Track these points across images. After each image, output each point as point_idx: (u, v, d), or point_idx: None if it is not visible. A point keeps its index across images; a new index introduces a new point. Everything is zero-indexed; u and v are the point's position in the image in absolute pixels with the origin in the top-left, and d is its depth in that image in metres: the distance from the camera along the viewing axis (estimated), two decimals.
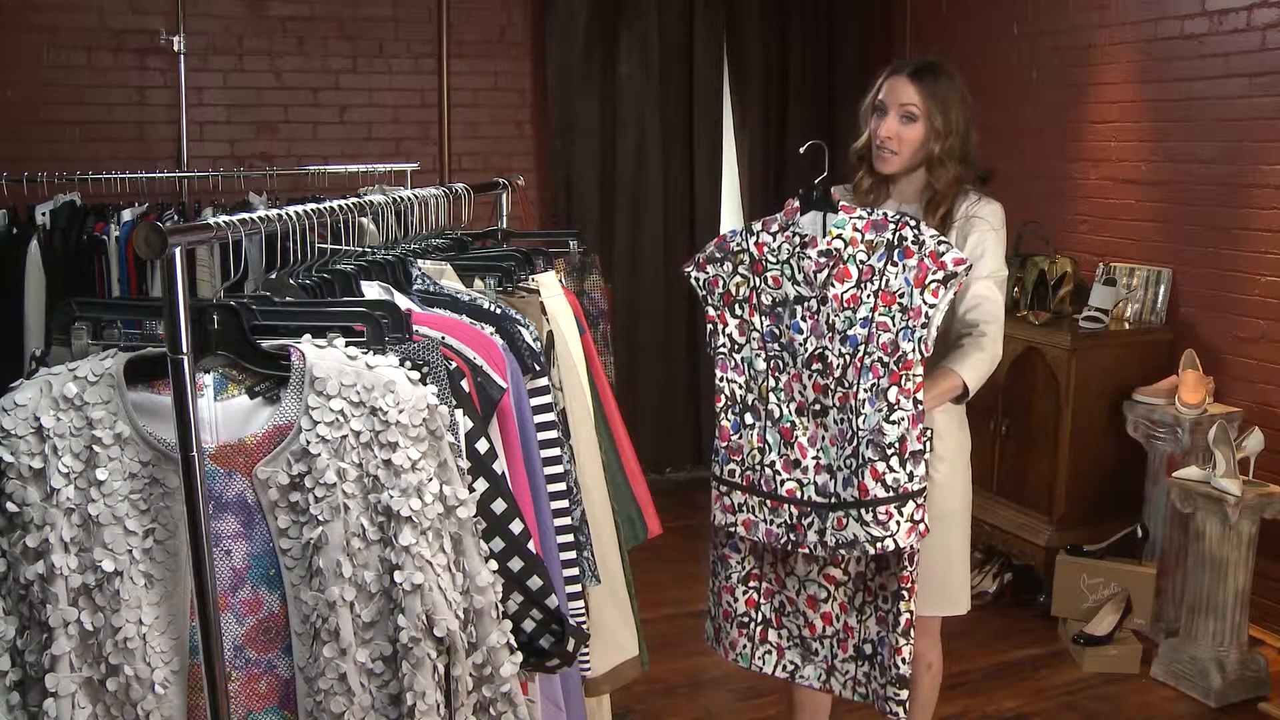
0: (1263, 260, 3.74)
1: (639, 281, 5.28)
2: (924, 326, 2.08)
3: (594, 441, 2.05)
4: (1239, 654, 3.38)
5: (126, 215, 3.62)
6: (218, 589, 1.29)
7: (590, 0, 5.06)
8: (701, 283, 2.28)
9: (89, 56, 4.48)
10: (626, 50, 5.16)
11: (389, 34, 4.92)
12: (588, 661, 1.98)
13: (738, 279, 2.24)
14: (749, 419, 2.23)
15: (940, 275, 2.07)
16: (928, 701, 2.64)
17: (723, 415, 2.26)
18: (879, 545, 2.11)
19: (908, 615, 2.19)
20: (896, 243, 2.11)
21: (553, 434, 1.80)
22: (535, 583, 1.48)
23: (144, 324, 1.49)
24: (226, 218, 1.44)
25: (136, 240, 1.23)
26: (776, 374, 2.21)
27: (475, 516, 1.37)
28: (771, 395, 2.21)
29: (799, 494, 2.18)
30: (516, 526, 1.47)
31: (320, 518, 1.29)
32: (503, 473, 1.49)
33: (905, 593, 2.18)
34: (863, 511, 2.11)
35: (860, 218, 2.14)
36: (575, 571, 1.85)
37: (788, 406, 2.20)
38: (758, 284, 2.22)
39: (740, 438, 2.24)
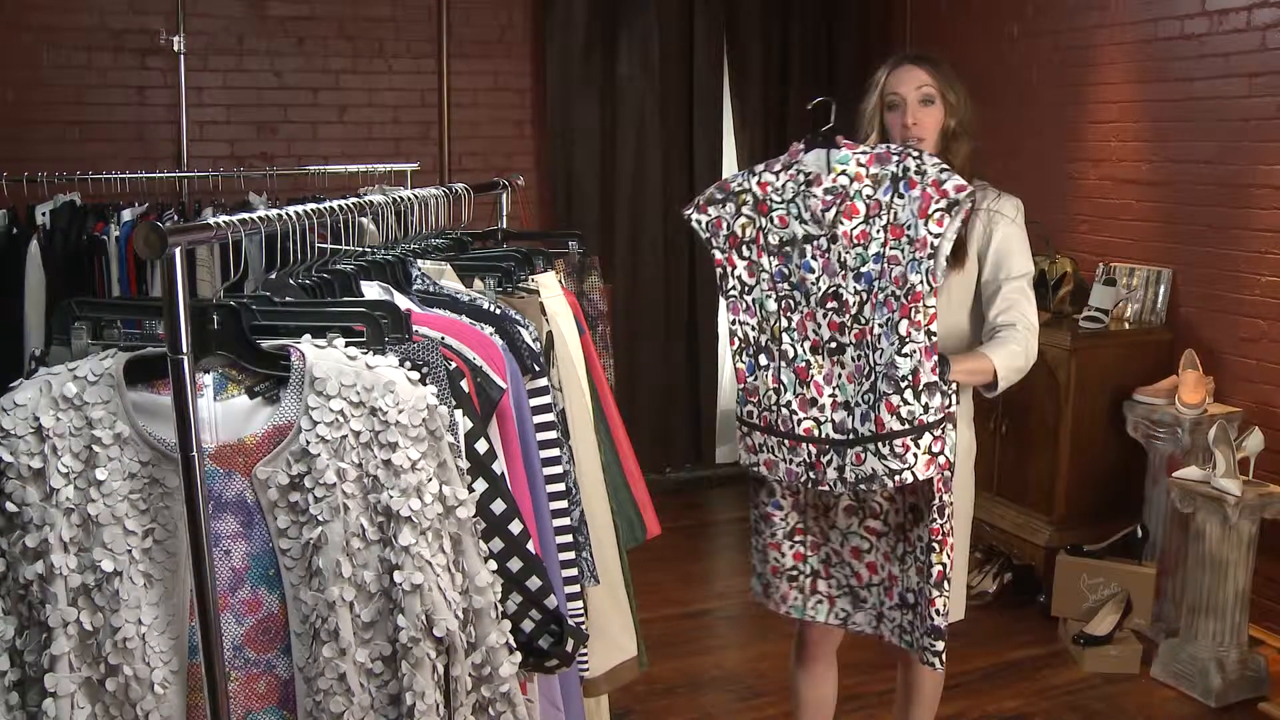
0: (1263, 260, 3.74)
1: (639, 282, 5.28)
2: (930, 258, 2.05)
3: (593, 442, 2.05)
4: (1239, 654, 3.38)
5: (126, 215, 3.62)
6: (217, 589, 1.29)
7: (590, 0, 5.06)
8: (704, 225, 2.25)
9: (89, 56, 4.48)
10: (626, 50, 5.16)
11: (389, 34, 4.92)
12: (586, 662, 1.98)
13: (742, 219, 2.21)
14: (763, 360, 2.21)
15: (943, 203, 2.05)
16: (930, 702, 2.63)
17: (737, 358, 2.24)
18: (897, 478, 2.09)
19: (939, 568, 2.16)
20: (901, 174, 2.10)
21: (552, 434, 1.80)
22: (534, 583, 1.48)
23: (144, 324, 1.49)
24: (226, 218, 1.44)
25: (136, 240, 1.23)
26: (789, 314, 2.19)
27: (475, 517, 1.37)
28: (785, 335, 2.19)
29: (816, 432, 2.16)
30: (516, 527, 1.47)
31: (320, 518, 1.29)
32: (502, 473, 1.49)
33: (937, 545, 2.15)
34: (880, 445, 2.09)
35: (864, 152, 2.14)
36: (574, 572, 1.85)
37: (802, 346, 2.18)
38: (764, 224, 2.20)
39: (755, 379, 2.22)
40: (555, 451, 1.80)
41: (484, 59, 5.06)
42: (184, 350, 1.24)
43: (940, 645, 2.20)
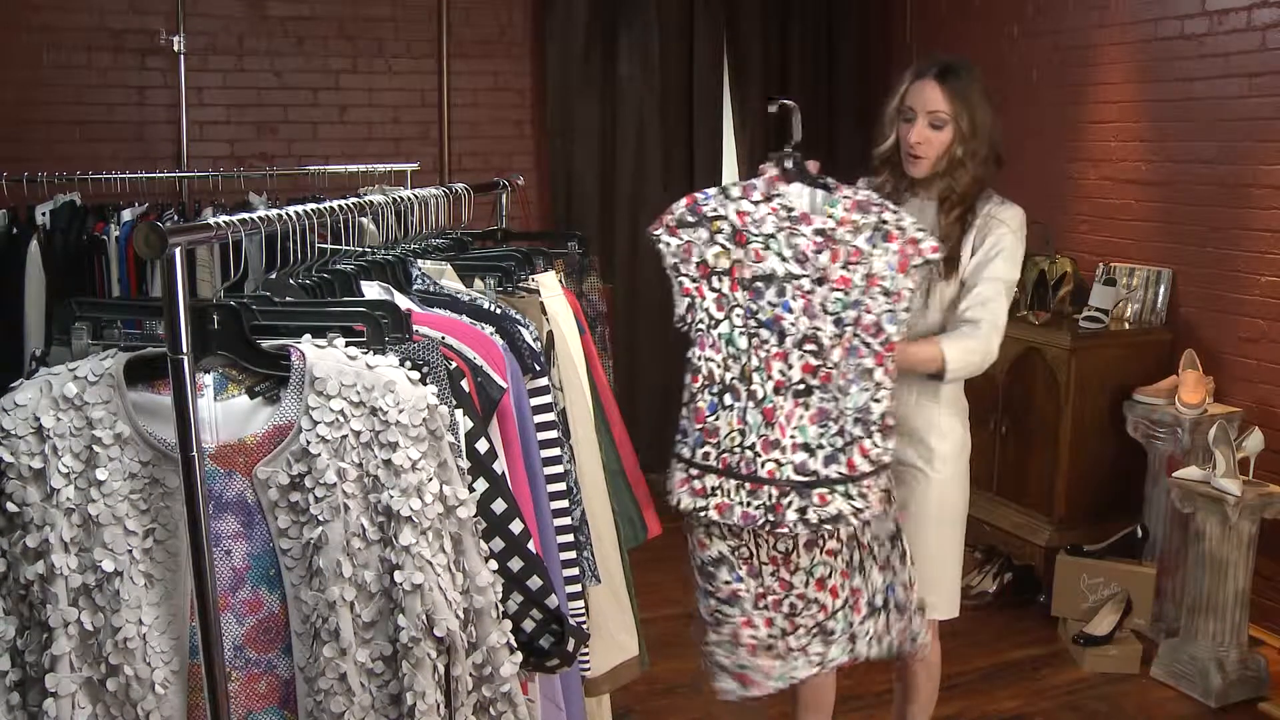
0: (1263, 260, 3.74)
1: (638, 282, 5.27)
2: (906, 310, 2.14)
3: (594, 441, 2.05)
4: (1239, 654, 3.38)
5: (126, 215, 3.62)
6: (218, 589, 1.29)
7: (590, 0, 5.06)
8: (674, 249, 2.14)
9: (89, 56, 4.47)
10: (626, 50, 5.16)
11: (389, 34, 4.92)
12: (587, 661, 1.98)
13: (716, 249, 2.12)
14: (728, 399, 2.12)
15: (919, 261, 2.14)
16: (927, 701, 2.64)
17: (700, 396, 2.13)
18: (860, 517, 2.14)
19: (902, 549, 2.27)
20: (879, 225, 2.14)
21: (553, 434, 1.80)
22: (535, 583, 1.48)
23: (144, 324, 1.49)
24: (226, 218, 1.44)
25: (136, 240, 1.23)
26: (757, 351, 2.12)
27: (475, 516, 1.37)
28: (755, 375, 2.12)
29: (778, 474, 2.11)
30: (516, 526, 1.47)
31: (320, 518, 1.29)
32: (503, 473, 1.49)
33: (897, 528, 2.27)
34: (849, 486, 2.12)
35: (847, 197, 2.15)
36: (575, 571, 1.85)
37: (767, 385, 2.12)
38: (739, 256, 2.12)
39: (716, 419, 2.12)
40: (556, 451, 1.80)
41: (484, 59, 5.06)
42: (184, 350, 1.24)
43: (918, 625, 2.29)
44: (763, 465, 2.11)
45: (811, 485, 2.11)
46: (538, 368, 1.77)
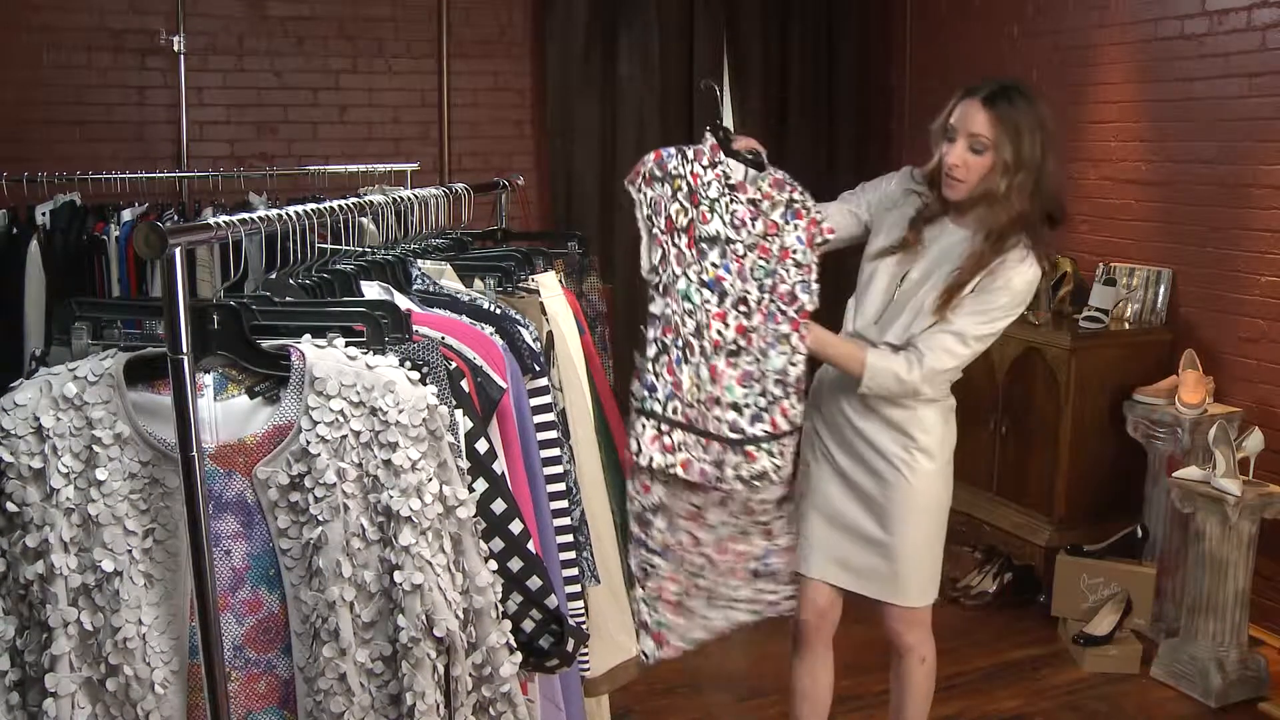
0: (1263, 260, 3.74)
1: (639, 281, 5.25)
2: (817, 281, 2.29)
3: (594, 442, 2.05)
4: (1239, 654, 3.38)
5: (126, 215, 3.62)
6: (217, 589, 1.29)
7: (590, 0, 5.06)
8: (648, 200, 2.13)
9: (89, 56, 4.47)
10: (626, 50, 5.16)
11: (389, 34, 4.91)
12: (587, 662, 1.98)
13: (677, 206, 2.15)
14: (688, 354, 2.13)
15: (820, 240, 2.33)
16: (923, 697, 2.64)
17: (671, 348, 2.11)
18: (780, 474, 2.25)
19: (787, 514, 2.36)
20: (789, 203, 2.30)
21: (552, 434, 1.80)
22: (535, 583, 1.48)
23: (144, 324, 1.49)
24: (226, 218, 1.44)
25: (136, 240, 1.23)
26: (705, 309, 2.17)
27: (475, 516, 1.36)
28: (704, 332, 2.16)
29: (720, 431, 2.17)
30: (516, 526, 1.47)
31: (320, 518, 1.29)
32: (502, 473, 1.49)
33: (789, 494, 2.36)
34: (772, 444, 2.23)
35: (769, 174, 2.30)
36: (575, 571, 1.85)
37: (709, 344, 2.17)
38: (694, 215, 2.18)
39: (682, 372, 2.12)
40: (556, 451, 1.80)
41: (484, 59, 5.06)
42: (184, 350, 1.24)
43: (790, 589, 2.40)
44: (709, 422, 2.16)
45: (741, 443, 2.20)
46: (538, 368, 1.77)
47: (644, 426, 2.07)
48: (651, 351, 2.10)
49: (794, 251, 2.28)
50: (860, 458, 2.46)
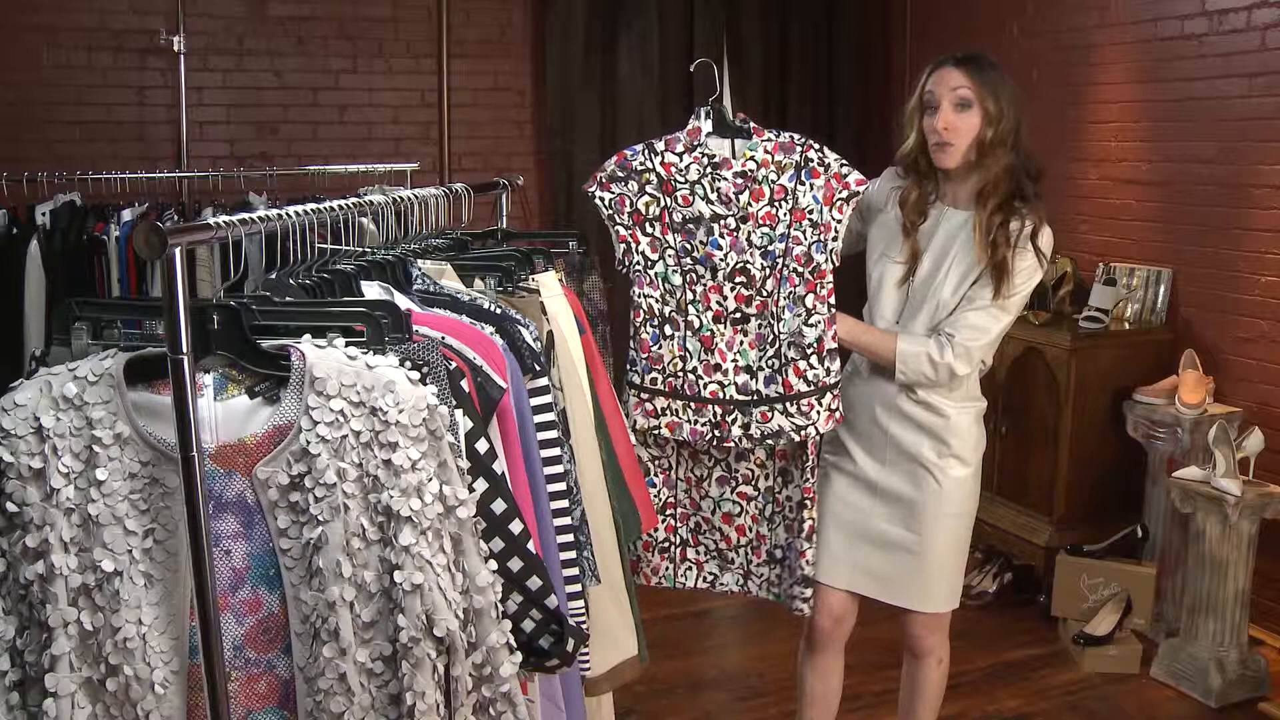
0: (1263, 260, 3.74)
1: None
2: (835, 239, 2.30)
3: (594, 441, 2.05)
4: (1239, 654, 3.38)
5: (126, 215, 3.62)
6: (217, 589, 1.29)
7: (590, 0, 5.06)
8: (607, 202, 2.35)
9: (89, 56, 4.48)
10: (626, 50, 5.16)
11: (389, 34, 4.92)
12: (587, 661, 1.98)
13: (646, 198, 2.33)
14: (668, 330, 2.35)
15: (845, 194, 2.30)
16: (935, 697, 2.64)
17: (643, 328, 2.35)
18: (803, 433, 2.32)
19: (810, 522, 2.39)
20: (803, 163, 2.30)
21: (553, 434, 1.80)
22: (535, 583, 1.47)
23: (144, 324, 1.48)
24: (226, 218, 1.44)
25: (136, 240, 1.23)
26: (693, 286, 2.33)
27: (475, 516, 1.36)
28: (690, 307, 2.33)
29: (721, 394, 2.34)
30: (516, 526, 1.47)
31: (320, 518, 1.29)
32: (503, 473, 1.49)
33: (808, 502, 2.39)
34: (787, 404, 2.31)
35: (769, 140, 2.31)
36: (575, 571, 1.84)
37: (706, 316, 2.33)
38: (668, 203, 2.32)
39: (660, 348, 2.35)
40: (556, 451, 1.80)
41: (484, 59, 5.06)
42: (184, 350, 1.24)
43: (809, 592, 2.43)
44: (705, 387, 2.34)
45: (754, 403, 2.33)
46: (538, 368, 1.77)
47: (629, 396, 2.37)
48: (630, 331, 2.37)
49: (810, 211, 2.29)
50: (893, 464, 2.45)
